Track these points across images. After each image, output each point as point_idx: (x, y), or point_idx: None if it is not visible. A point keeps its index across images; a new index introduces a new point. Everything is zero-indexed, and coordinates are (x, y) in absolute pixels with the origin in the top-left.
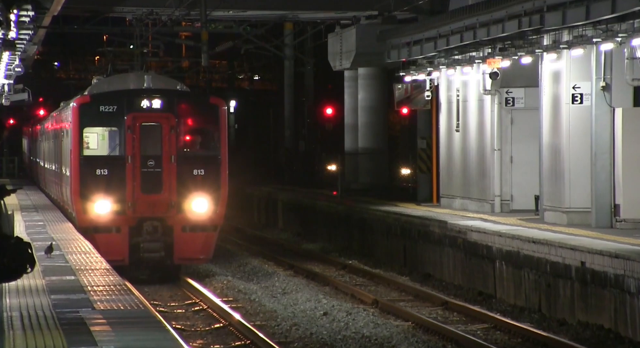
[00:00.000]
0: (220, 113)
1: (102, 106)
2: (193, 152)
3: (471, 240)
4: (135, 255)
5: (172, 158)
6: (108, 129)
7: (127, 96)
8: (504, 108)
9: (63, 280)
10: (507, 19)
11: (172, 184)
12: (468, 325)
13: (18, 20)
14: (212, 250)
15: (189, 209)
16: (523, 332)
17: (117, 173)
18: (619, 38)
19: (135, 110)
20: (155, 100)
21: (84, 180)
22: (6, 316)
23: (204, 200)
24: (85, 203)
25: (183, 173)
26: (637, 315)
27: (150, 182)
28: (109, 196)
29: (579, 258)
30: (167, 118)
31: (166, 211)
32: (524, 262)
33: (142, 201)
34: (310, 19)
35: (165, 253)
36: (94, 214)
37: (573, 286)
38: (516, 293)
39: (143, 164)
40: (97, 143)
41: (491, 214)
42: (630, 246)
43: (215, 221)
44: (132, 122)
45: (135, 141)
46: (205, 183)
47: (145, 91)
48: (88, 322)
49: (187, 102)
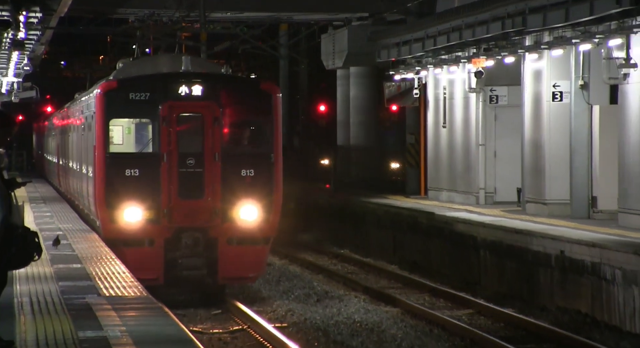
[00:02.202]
0: (273, 102)
1: (132, 93)
2: (241, 149)
3: (457, 231)
4: (172, 273)
5: (215, 156)
6: (137, 121)
7: (162, 81)
8: (488, 105)
9: (70, 267)
10: (491, 21)
11: (216, 187)
12: (454, 310)
13: (27, 21)
14: (264, 267)
15: (236, 218)
16: (506, 317)
17: (150, 174)
18: (597, 39)
19: (172, 98)
20: (195, 86)
21: (111, 183)
22: (17, 301)
23: (253, 207)
24: (112, 210)
25: (229, 174)
26: (613, 300)
27: (190, 185)
28: (140, 202)
29: (559, 247)
30: (209, 108)
31: (209, 220)
32: (506, 251)
33: (180, 208)
34: (304, 20)
35: (208, 270)
36: (122, 224)
37: (553, 274)
38: (499, 280)
39: (181, 163)
40: (122, 137)
41: (476, 206)
42: (606, 235)
43: (267, 232)
44: (168, 113)
45: (172, 135)
46: (255, 186)
47: (184, 75)
48: (94, 308)
49: (233, 89)
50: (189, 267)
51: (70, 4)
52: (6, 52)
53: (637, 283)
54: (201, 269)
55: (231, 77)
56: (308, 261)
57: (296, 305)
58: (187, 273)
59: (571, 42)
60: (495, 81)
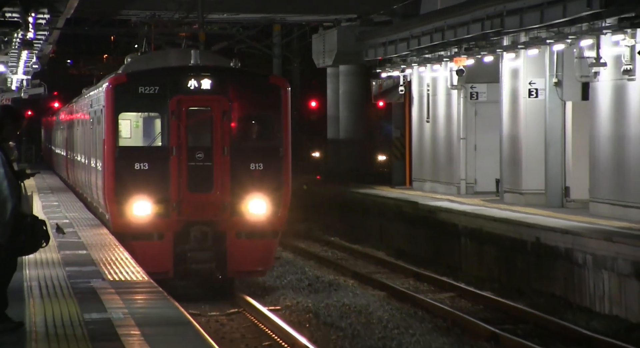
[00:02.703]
0: (282, 96)
1: (142, 87)
2: (250, 143)
3: (439, 219)
4: (181, 266)
5: (224, 150)
6: (144, 115)
7: (171, 75)
8: (469, 101)
9: (76, 254)
10: (472, 22)
11: (225, 181)
12: (436, 293)
13: (35, 22)
14: (272, 261)
15: (245, 212)
16: (485, 300)
17: (160, 167)
18: (569, 39)
19: (181, 92)
20: (204, 80)
21: (120, 176)
22: (26, 285)
23: (262, 201)
24: (121, 204)
25: (238, 168)
26: (584, 284)
27: (199, 179)
28: (149, 196)
29: (534, 234)
30: (218, 102)
31: (218, 213)
32: (486, 238)
33: (189, 202)
34: (297, 21)
35: (217, 264)
36: (131, 218)
37: (529, 259)
38: (479, 265)
39: (190, 157)
40: (130, 131)
41: (457, 196)
42: (578, 223)
43: (276, 226)
44: (177, 107)
45: (181, 129)
46: (264, 180)
47: (193, 69)
48: (98, 291)
49: (242, 83)
50: (198, 261)
51: (76, 6)
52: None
53: (606, 268)
54: (210, 262)
55: (240, 71)
56: (300, 248)
57: (289, 289)
58: (196, 266)
59: (546, 43)
60: (475, 79)
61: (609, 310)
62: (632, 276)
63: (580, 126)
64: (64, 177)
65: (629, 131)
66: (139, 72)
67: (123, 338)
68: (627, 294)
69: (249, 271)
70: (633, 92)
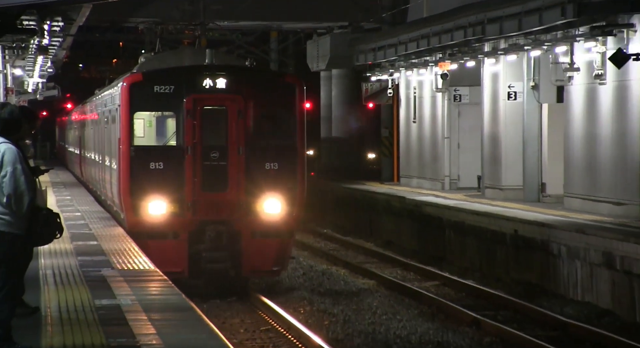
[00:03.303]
0: (297, 94)
1: (157, 86)
2: (265, 142)
3: (425, 213)
4: (196, 266)
5: (239, 149)
6: (157, 115)
7: (187, 74)
8: (453, 103)
9: (87, 244)
10: (455, 30)
11: (240, 180)
12: (422, 282)
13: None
14: (287, 261)
15: (259, 211)
16: (467, 288)
17: (175, 167)
18: (545, 46)
19: (196, 91)
20: (219, 79)
21: (136, 176)
22: (41, 273)
23: (277, 200)
24: (136, 203)
25: (253, 167)
26: (559, 272)
27: (214, 178)
28: (164, 195)
29: (513, 226)
30: (233, 100)
31: (232, 213)
32: (468, 230)
33: (204, 201)
34: (292, 28)
35: (232, 263)
36: (146, 217)
37: (508, 250)
38: (462, 255)
39: (205, 156)
40: (144, 130)
41: (442, 191)
42: (553, 217)
43: (291, 225)
44: (192, 106)
45: (197, 128)
46: (279, 179)
47: (208, 68)
48: (108, 279)
49: (257, 82)
50: (212, 260)
51: (87, 14)
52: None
53: (579, 258)
54: (225, 262)
55: (255, 69)
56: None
57: (284, 277)
58: (210, 266)
59: (523, 49)
60: (458, 82)
61: (582, 297)
62: (603, 266)
63: (556, 126)
64: (77, 173)
65: (600, 132)
66: (155, 71)
67: (131, 322)
68: (598, 282)
69: (264, 271)
70: (604, 96)
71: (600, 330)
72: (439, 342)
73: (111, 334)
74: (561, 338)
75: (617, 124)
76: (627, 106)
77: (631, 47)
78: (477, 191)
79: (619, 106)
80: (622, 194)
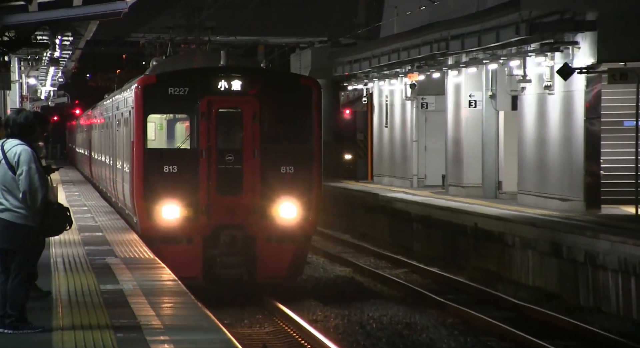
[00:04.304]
0: (314, 97)
1: (171, 88)
2: (281, 145)
3: (396, 208)
4: (211, 271)
5: (254, 152)
6: (168, 117)
7: (201, 76)
8: (420, 110)
9: (93, 235)
10: (422, 45)
11: (255, 184)
12: (393, 269)
13: (61, 43)
14: (302, 266)
15: (275, 216)
16: (432, 274)
17: (189, 170)
18: (501, 60)
19: (211, 93)
20: (235, 81)
21: (149, 179)
22: (52, 261)
23: (293, 204)
24: (149, 207)
25: (268, 171)
26: (513, 261)
27: (229, 182)
28: (178, 199)
29: (473, 220)
30: (249, 103)
31: (247, 217)
32: (434, 223)
33: (219, 206)
34: (277, 43)
35: (246, 269)
36: (160, 222)
37: (468, 241)
38: (428, 246)
39: (220, 159)
40: (155, 133)
41: (411, 189)
42: (508, 211)
43: (308, 230)
44: (207, 108)
45: (211, 131)
46: (295, 183)
47: (223, 69)
48: (112, 266)
49: (273, 84)
50: (227, 265)
51: (94, 30)
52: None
53: (531, 248)
54: (239, 267)
55: (271, 71)
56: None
57: None
58: (225, 271)
59: (482, 62)
60: (425, 92)
61: (533, 282)
62: (551, 255)
63: (511, 131)
64: (84, 172)
65: (548, 136)
66: (169, 73)
67: (132, 305)
68: (547, 269)
69: (279, 277)
70: (552, 104)
71: (548, 311)
72: (408, 322)
73: (115, 315)
74: (515, 319)
75: (564, 130)
76: (572, 113)
77: (575, 62)
78: (442, 189)
79: (565, 113)
80: (568, 192)
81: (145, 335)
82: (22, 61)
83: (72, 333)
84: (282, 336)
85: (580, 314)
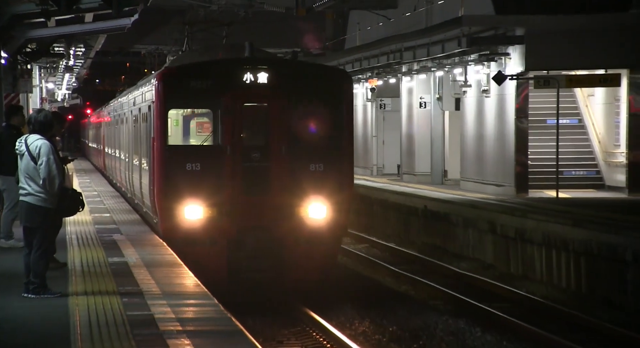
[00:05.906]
0: (345, 90)
1: (194, 81)
2: (310, 141)
3: (359, 193)
4: (236, 274)
5: (282, 149)
6: (184, 113)
7: (226, 68)
8: (379, 110)
9: (102, 216)
10: (380, 55)
11: (283, 183)
12: (356, 245)
13: (75, 53)
14: (332, 269)
15: (304, 216)
16: (389, 249)
17: (213, 168)
18: (447, 68)
19: (236, 86)
20: (261, 73)
21: (170, 178)
22: (68, 237)
23: (323, 204)
24: (171, 207)
25: (296, 169)
26: (457, 237)
27: (255, 180)
28: (201, 199)
29: (423, 203)
30: (276, 97)
31: (275, 218)
32: (390, 206)
33: (244, 206)
34: None
35: (275, 272)
36: (182, 222)
37: (419, 221)
38: (385, 224)
39: (245, 157)
40: (171, 128)
41: (371, 176)
42: (453, 195)
43: (338, 232)
44: (231, 103)
45: (236, 126)
46: (325, 182)
47: (249, 61)
48: (118, 243)
49: (302, 77)
50: (254, 269)
51: (103, 42)
52: (61, 74)
53: (471, 226)
54: (266, 271)
55: (300, 63)
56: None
57: None
58: (252, 275)
59: (431, 70)
60: (383, 94)
61: (473, 255)
62: (488, 232)
63: (454, 127)
64: (95, 163)
65: (485, 132)
66: (191, 65)
67: (135, 275)
68: (484, 244)
69: (308, 280)
70: (489, 105)
71: (484, 278)
72: (367, 290)
73: (120, 283)
74: (457, 285)
75: (498, 127)
76: (505, 113)
77: (507, 70)
78: (397, 177)
79: (499, 113)
80: (502, 179)
81: (146, 300)
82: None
83: (85, 298)
84: None
85: (511, 281)
